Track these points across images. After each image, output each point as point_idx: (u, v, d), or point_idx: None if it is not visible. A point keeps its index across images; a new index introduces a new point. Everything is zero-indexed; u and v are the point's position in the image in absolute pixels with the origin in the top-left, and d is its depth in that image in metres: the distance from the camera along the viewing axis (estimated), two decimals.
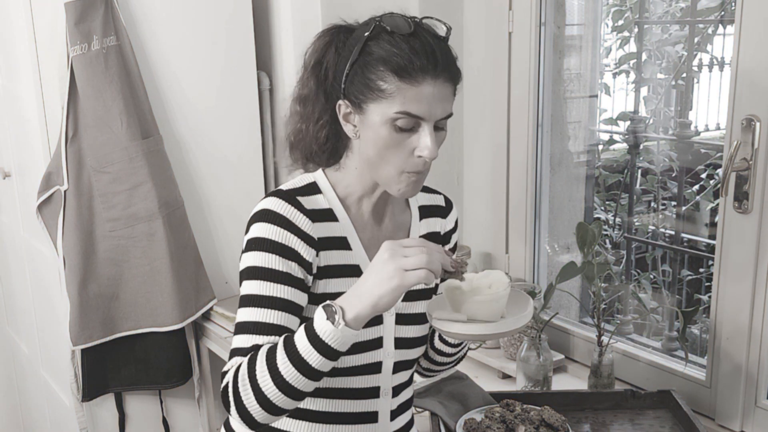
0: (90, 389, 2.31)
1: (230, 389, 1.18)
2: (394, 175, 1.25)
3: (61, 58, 2.15)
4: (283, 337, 1.16)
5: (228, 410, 1.20)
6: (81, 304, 2.21)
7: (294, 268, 1.24)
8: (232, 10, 2.41)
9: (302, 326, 1.15)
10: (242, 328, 1.23)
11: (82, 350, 2.26)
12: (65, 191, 2.20)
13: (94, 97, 2.14)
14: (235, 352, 1.22)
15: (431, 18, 1.27)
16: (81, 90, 2.15)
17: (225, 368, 1.22)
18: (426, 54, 1.20)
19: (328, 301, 1.14)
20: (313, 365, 1.13)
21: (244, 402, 1.16)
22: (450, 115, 1.25)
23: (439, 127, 1.25)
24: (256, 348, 1.20)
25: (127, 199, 2.21)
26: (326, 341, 1.11)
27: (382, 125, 1.22)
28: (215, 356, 2.43)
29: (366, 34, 1.23)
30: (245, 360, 1.18)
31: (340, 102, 1.28)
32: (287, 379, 1.13)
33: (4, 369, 3.27)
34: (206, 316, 2.40)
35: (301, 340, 1.13)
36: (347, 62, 1.24)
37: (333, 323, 1.11)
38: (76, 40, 2.10)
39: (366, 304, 1.12)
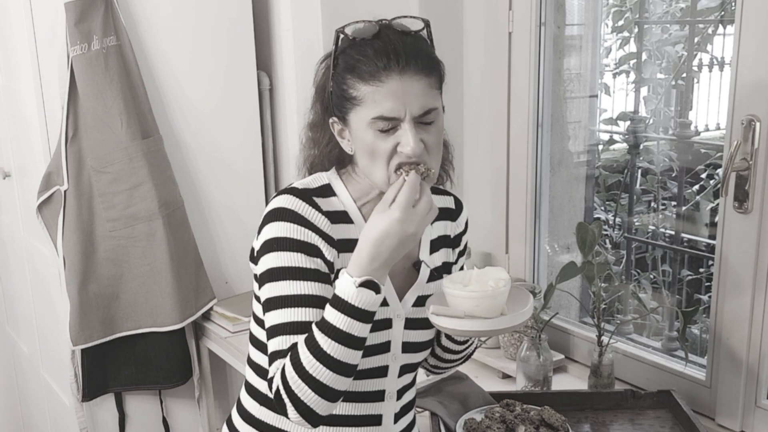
0: (90, 389, 2.31)
1: (283, 392, 1.17)
2: (386, 180, 1.23)
3: (61, 58, 2.15)
4: (314, 323, 1.17)
5: (286, 414, 1.19)
6: (81, 304, 2.21)
7: (320, 264, 1.24)
8: (232, 10, 2.41)
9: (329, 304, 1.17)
10: (279, 330, 1.21)
11: (82, 350, 2.27)
12: (65, 191, 2.20)
13: (94, 97, 2.14)
14: (276, 356, 1.21)
15: (406, 17, 1.25)
16: (81, 90, 2.15)
17: (270, 374, 1.21)
18: (387, 53, 1.18)
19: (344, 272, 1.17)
20: (355, 334, 1.15)
21: (302, 398, 1.16)
22: (433, 110, 1.21)
23: (426, 122, 1.21)
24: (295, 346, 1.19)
25: (127, 199, 2.21)
26: (362, 307, 1.15)
27: (365, 131, 1.21)
28: (215, 356, 2.43)
29: (333, 47, 1.24)
30: (286, 360, 1.17)
31: (331, 120, 1.28)
32: (337, 357, 1.14)
33: (4, 369, 3.26)
34: (206, 316, 2.40)
35: (334, 315, 1.15)
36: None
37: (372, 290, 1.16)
38: (76, 40, 2.10)
39: (388, 268, 1.18)
